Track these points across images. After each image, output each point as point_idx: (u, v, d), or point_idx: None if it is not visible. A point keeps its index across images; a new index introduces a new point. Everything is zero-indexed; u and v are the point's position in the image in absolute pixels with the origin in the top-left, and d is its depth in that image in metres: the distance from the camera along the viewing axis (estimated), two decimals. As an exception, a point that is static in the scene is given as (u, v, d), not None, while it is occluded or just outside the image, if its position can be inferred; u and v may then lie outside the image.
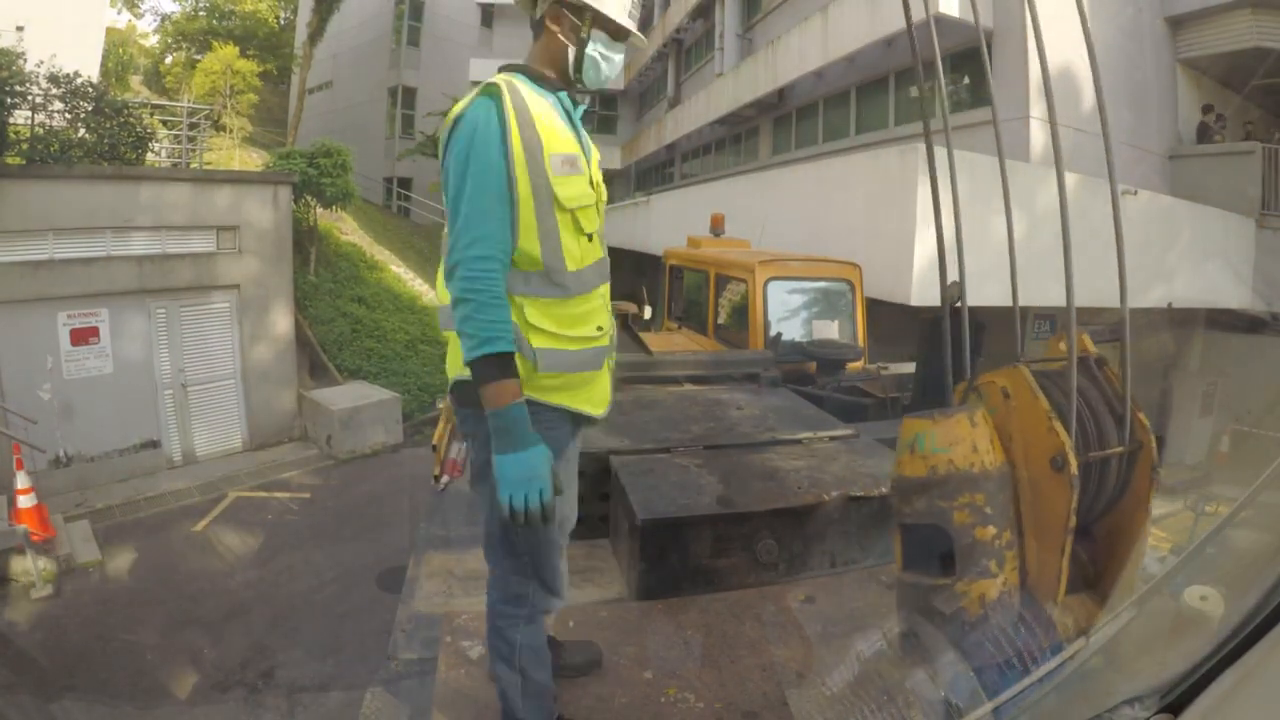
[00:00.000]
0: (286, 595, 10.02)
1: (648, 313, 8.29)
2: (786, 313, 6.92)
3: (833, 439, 4.54)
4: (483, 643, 3.07)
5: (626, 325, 5.80)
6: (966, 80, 15.68)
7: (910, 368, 6.52)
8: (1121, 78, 15.06)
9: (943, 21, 14.06)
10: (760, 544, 3.61)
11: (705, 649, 3.27)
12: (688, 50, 30.83)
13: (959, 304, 5.47)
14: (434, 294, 16.92)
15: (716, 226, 8.83)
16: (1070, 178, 9.08)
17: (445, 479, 4.87)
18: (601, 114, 38.98)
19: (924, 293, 8.02)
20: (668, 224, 17.62)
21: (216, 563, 10.90)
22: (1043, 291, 9.71)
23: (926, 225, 8.58)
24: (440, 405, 7.55)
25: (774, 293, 6.85)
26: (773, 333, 6.75)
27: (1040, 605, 3.69)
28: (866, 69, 17.66)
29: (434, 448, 5.39)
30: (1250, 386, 18.20)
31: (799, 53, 19.33)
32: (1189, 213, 12.92)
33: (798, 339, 6.78)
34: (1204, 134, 15.85)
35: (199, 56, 32.65)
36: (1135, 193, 11.01)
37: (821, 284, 7.26)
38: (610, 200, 34.28)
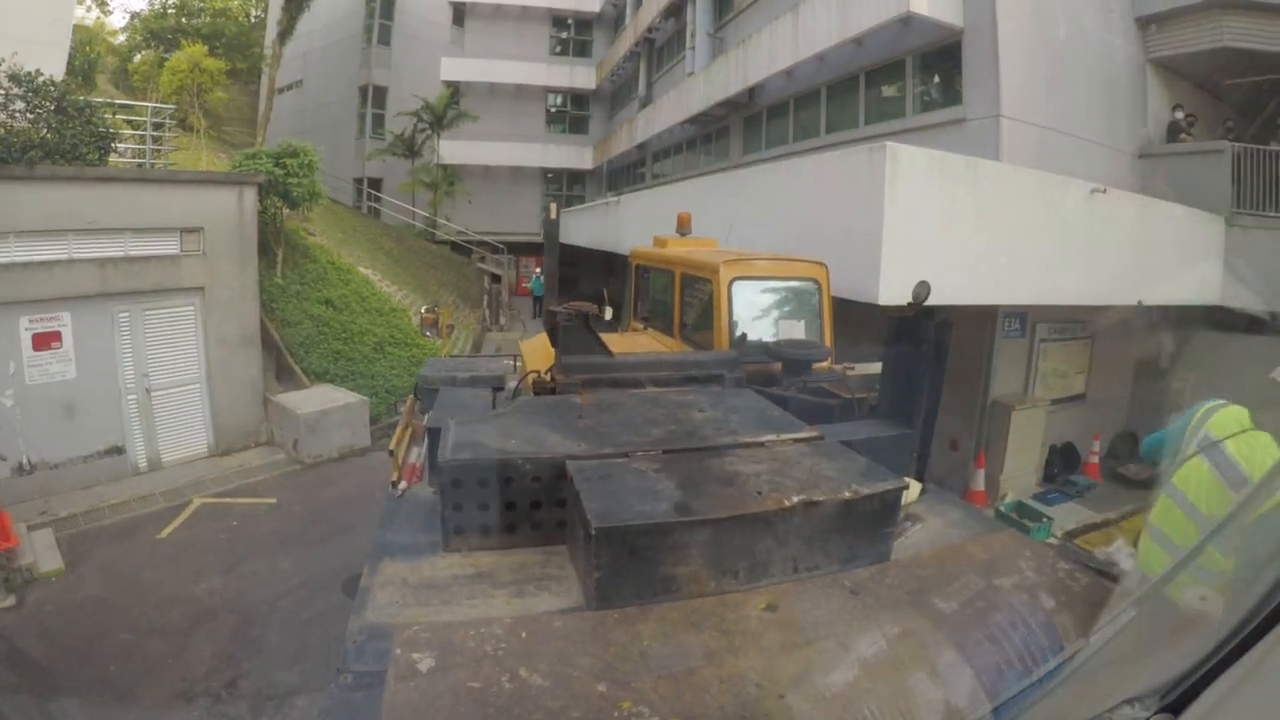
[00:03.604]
0: (251, 602, 9.90)
1: (608, 313, 8.20)
2: (752, 313, 6.82)
3: (796, 441, 4.46)
4: (434, 655, 2.96)
5: (587, 326, 5.68)
6: (937, 79, 15.69)
7: (878, 368, 6.44)
8: (1093, 77, 15.21)
9: (913, 20, 14.11)
10: (720, 550, 3.53)
11: (662, 660, 3.16)
12: (659, 50, 30.89)
13: (924, 303, 5.45)
14: (404, 294, 16.64)
15: (683, 226, 8.72)
16: (1041, 176, 9.12)
17: (403, 484, 4.79)
18: (573, 114, 38.91)
19: (892, 292, 7.99)
20: (637, 224, 17.58)
21: (181, 570, 10.72)
22: (1014, 289, 9.73)
23: (895, 224, 8.57)
24: (401, 409, 7.45)
25: (739, 292, 6.75)
26: (738, 333, 6.66)
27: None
28: (837, 68, 17.73)
29: (390, 453, 5.30)
30: (1225, 383, 18.36)
31: (769, 52, 19.39)
32: (1159, 211, 12.95)
33: (763, 339, 6.70)
34: (1174, 133, 15.94)
35: (168, 55, 32.30)
36: (1105, 191, 11.02)
37: (788, 283, 7.16)
38: (581, 200, 34.21)
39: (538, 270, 31.48)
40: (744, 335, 6.62)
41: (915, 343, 5.40)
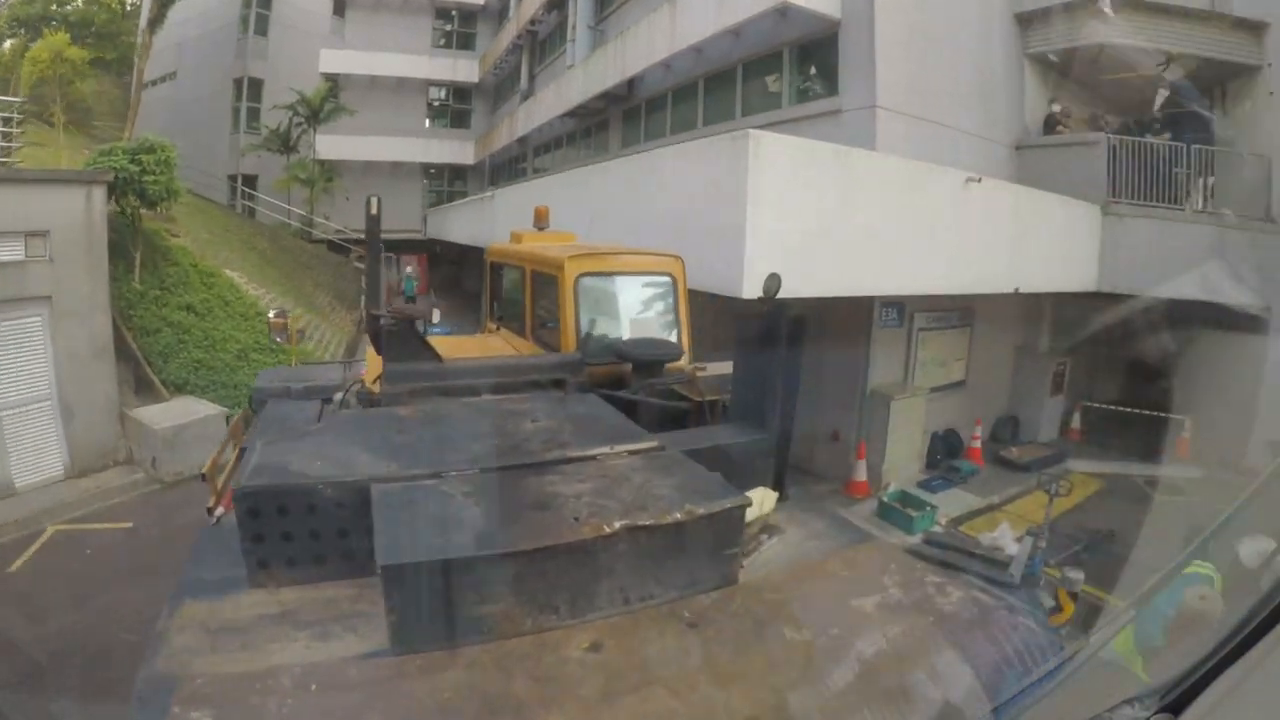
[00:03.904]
0: (102, 642, 9.16)
1: (436, 316, 7.76)
2: (602, 311, 6.48)
3: (632, 454, 4.14)
4: (213, 714, 2.63)
5: (413, 330, 5.28)
6: (814, 71, 15.64)
7: (730, 368, 6.13)
8: (971, 71, 15.44)
9: (790, 10, 14.00)
10: (534, 584, 3.18)
11: (464, 715, 2.82)
12: (542, 42, 30.49)
13: (775, 296, 5.21)
14: (272, 297, 15.89)
15: (540, 220, 8.28)
16: (914, 166, 8.97)
17: (220, 511, 4.32)
18: (455, 108, 38.24)
19: (756, 285, 7.73)
20: (511, 219, 17.16)
21: (31, 608, 10.06)
22: (888, 279, 9.59)
23: (759, 214, 8.33)
24: (229, 425, 6.92)
25: (587, 289, 6.37)
26: (585, 332, 6.30)
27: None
28: (715, 60, 17.61)
29: (203, 477, 4.83)
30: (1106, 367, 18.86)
31: (648, 43, 19.20)
32: (1036, 200, 13.23)
33: (614, 339, 6.34)
34: (1051, 126, 16.34)
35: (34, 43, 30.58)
36: (980, 180, 11.05)
37: (640, 278, 6.82)
38: (464, 195, 33.68)
39: (409, 269, 30.82)
40: (588, 335, 6.24)
41: (767, 340, 5.12)
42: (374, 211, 5.39)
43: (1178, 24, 15.34)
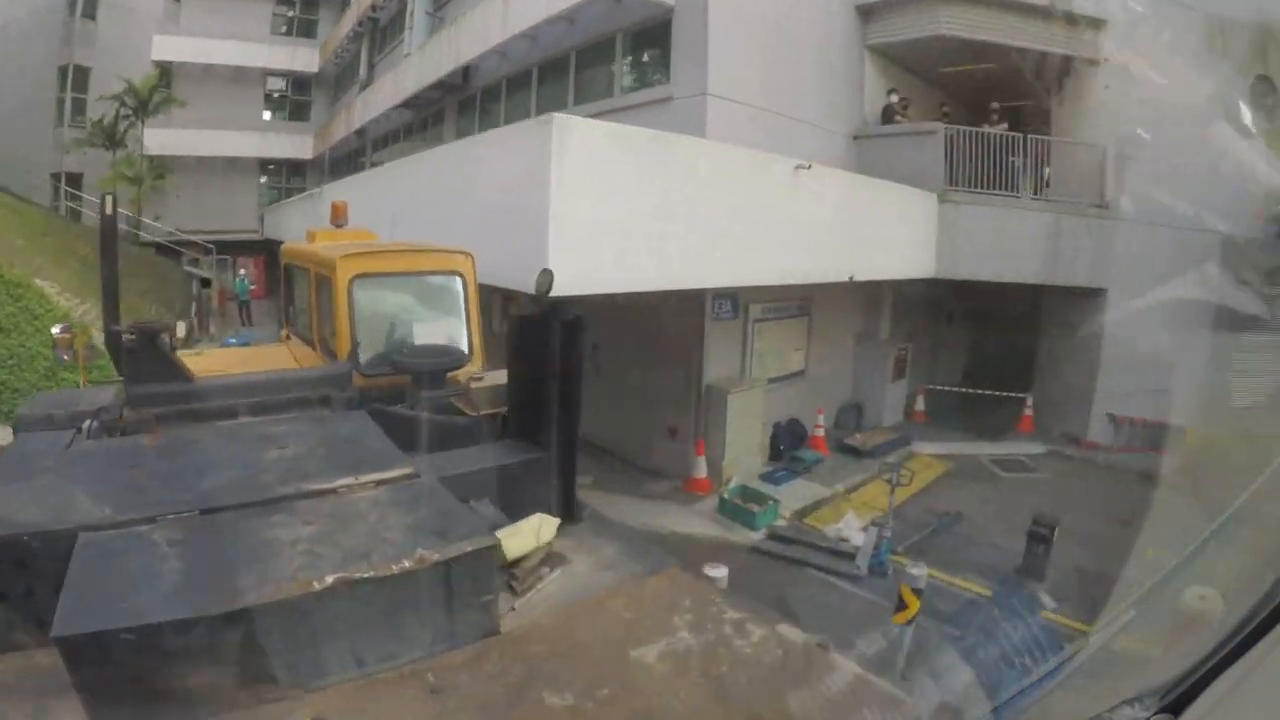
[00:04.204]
0: None
1: (181, 329, 7.08)
2: (380, 315, 5.95)
3: (379, 484, 3.68)
4: None
5: (157, 346, 4.68)
6: (647, 58, 15.38)
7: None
8: (809, 61, 15.42)
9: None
10: (244, 651, 2.71)
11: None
12: (383, 29, 29.34)
13: (548, 294, 4.80)
14: (87, 308, 14.62)
15: (338, 217, 7.62)
16: (741, 153, 8.64)
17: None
18: (294, 99, 36.61)
19: (564, 281, 7.27)
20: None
21: None
22: (718, 271, 9.20)
23: (565, 205, 7.88)
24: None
25: (364, 291, 5.87)
26: (361, 339, 5.78)
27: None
28: (548, 47, 17.15)
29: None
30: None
31: (482, 29, 18.65)
32: (872, 188, 13.27)
33: (389, 346, 5.83)
34: (889, 116, 16.48)
35: None
36: (809, 167, 10.86)
37: (424, 278, 6.35)
38: (303, 192, 32.33)
39: (241, 271, 29.16)
40: (357, 344, 5.69)
41: (541, 346, 4.68)
42: (109, 211, 4.76)
43: (1017, 18, 15.65)
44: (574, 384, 4.76)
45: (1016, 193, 15.50)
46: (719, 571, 6.32)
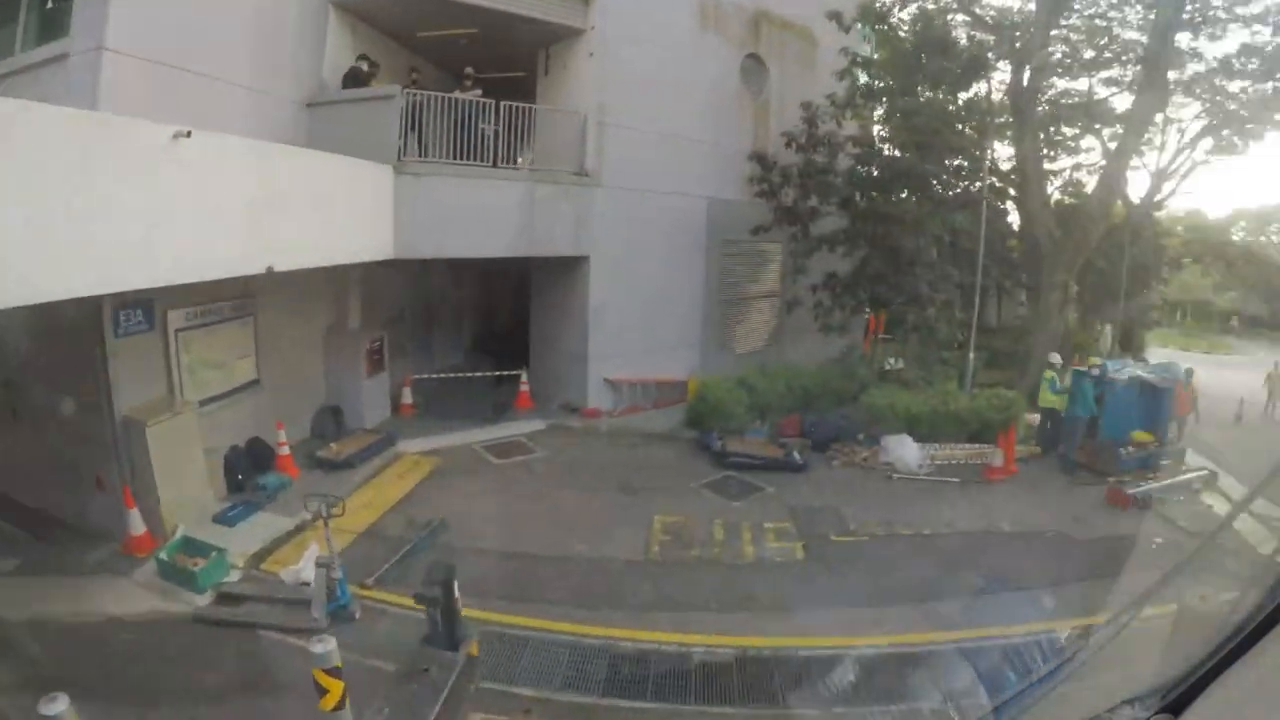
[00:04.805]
0: None
1: None
2: None
3: None
4: None
5: None
6: (50, 4, 11.89)
7: None
8: (252, 17, 12.83)
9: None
10: None
11: None
12: None
13: None
14: None
15: None
16: (96, 121, 5.80)
17: None
18: None
19: None
20: None
21: None
22: (81, 276, 6.43)
23: None
24: None
25: None
26: None
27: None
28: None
29: None
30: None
31: None
32: (301, 162, 11.10)
33: None
34: (356, 81, 14.43)
35: None
36: (189, 134, 8.16)
37: None
38: None
39: None
40: None
41: None
42: None
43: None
44: None
45: (492, 163, 14.51)
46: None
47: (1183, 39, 24.41)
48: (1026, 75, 23.00)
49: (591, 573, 10.17)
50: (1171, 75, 24.58)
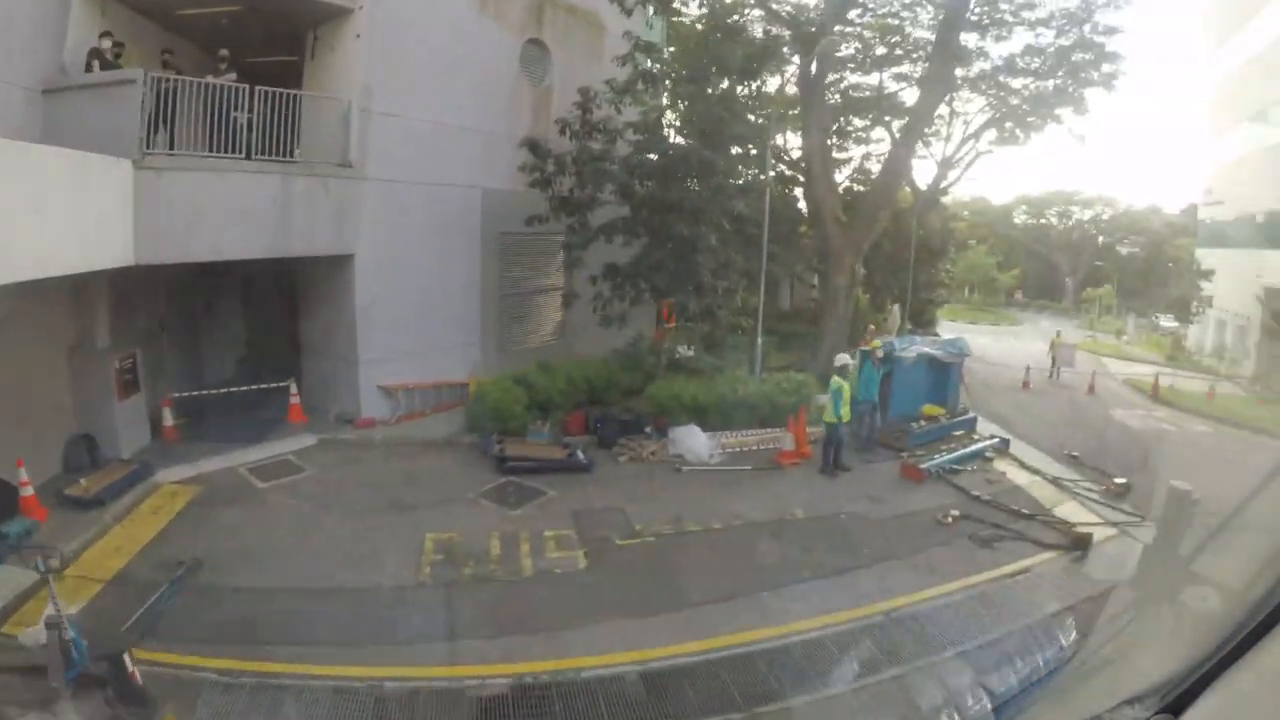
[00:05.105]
0: None
1: None
2: None
3: None
4: None
5: None
6: None
7: None
8: None
9: None
10: None
11: None
12: None
13: None
14: None
15: None
16: None
17: None
18: None
19: None
20: None
21: None
22: None
23: None
24: None
25: None
26: None
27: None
28: None
29: None
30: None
31: None
32: (22, 158, 9.22)
33: None
34: (99, 63, 12.68)
35: None
36: None
37: None
38: None
39: None
40: None
41: None
42: None
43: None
44: None
45: (246, 154, 13.39)
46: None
47: (970, 39, 25.68)
48: (814, 67, 23.46)
49: (357, 605, 9.44)
50: (959, 72, 25.66)
